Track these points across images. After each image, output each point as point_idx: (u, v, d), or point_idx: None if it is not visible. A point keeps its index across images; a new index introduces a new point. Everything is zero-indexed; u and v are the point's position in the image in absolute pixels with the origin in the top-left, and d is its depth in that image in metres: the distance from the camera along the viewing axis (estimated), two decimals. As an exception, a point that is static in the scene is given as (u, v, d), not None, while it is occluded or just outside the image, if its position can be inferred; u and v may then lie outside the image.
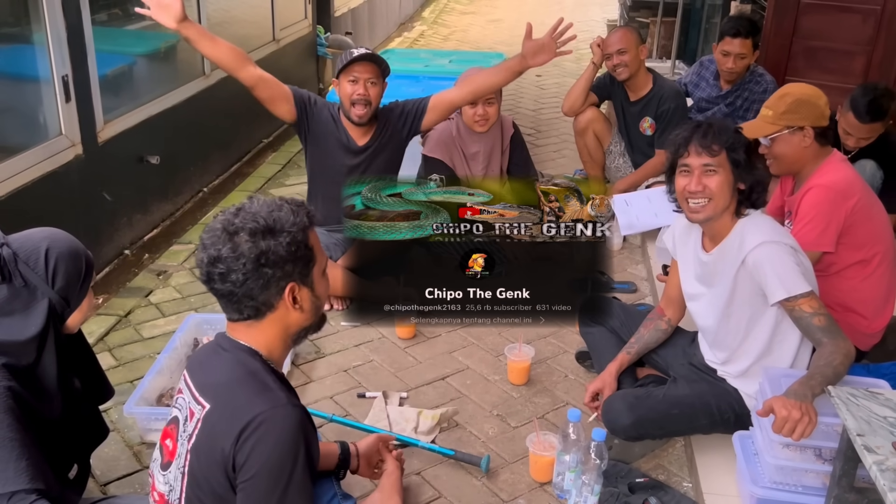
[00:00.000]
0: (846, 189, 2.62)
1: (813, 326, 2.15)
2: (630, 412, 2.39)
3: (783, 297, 2.16)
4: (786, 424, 1.95)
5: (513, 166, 3.95)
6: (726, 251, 2.31)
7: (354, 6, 8.39)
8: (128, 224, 4.07)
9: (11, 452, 1.71)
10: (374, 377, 3.01)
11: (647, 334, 2.67)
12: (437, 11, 12.24)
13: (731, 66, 4.14)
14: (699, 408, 2.41)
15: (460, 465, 2.53)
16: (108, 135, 3.86)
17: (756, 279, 2.23)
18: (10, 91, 3.48)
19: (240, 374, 1.64)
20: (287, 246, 1.61)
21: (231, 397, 1.61)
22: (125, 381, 2.94)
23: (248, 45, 5.75)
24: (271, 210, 1.64)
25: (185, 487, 1.63)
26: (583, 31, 10.52)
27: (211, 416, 1.61)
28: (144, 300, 3.56)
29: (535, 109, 6.78)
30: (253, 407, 1.56)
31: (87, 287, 1.95)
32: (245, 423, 1.54)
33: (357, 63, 3.33)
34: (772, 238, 2.21)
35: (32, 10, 3.38)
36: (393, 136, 3.53)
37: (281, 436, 1.56)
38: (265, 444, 1.54)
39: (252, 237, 1.60)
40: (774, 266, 2.18)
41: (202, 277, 1.65)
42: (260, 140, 5.89)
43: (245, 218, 1.62)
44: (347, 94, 3.37)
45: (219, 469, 1.57)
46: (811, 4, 4.17)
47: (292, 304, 1.67)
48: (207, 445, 1.59)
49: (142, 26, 4.60)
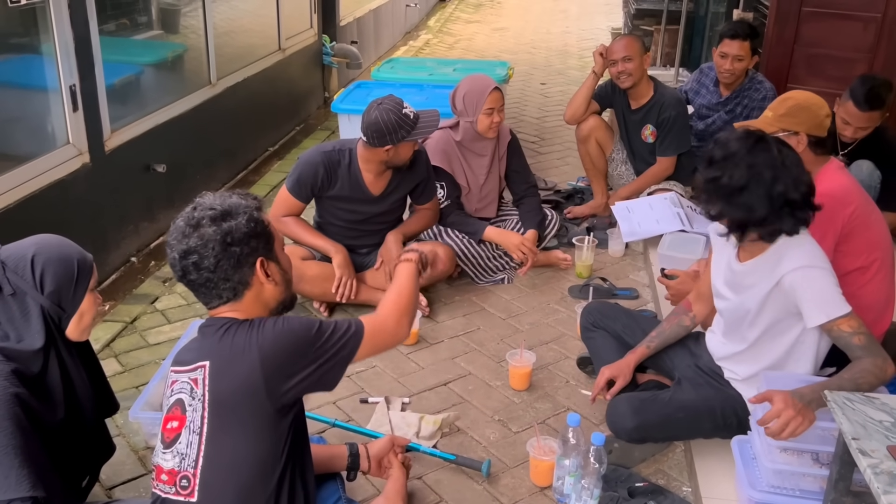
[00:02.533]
0: (844, 197, 2.62)
1: (853, 345, 2.16)
2: (634, 415, 2.41)
3: (823, 321, 2.16)
4: (779, 419, 1.98)
5: (511, 172, 3.96)
6: (760, 266, 2.29)
7: (360, 15, 8.45)
8: (134, 231, 4.11)
9: (14, 459, 1.72)
10: (377, 382, 3.04)
11: (668, 329, 2.68)
12: (442, 20, 12.29)
13: (728, 67, 4.14)
14: (704, 412, 2.43)
15: (461, 470, 2.55)
16: (115, 143, 3.91)
17: (792, 300, 2.22)
18: (18, 101, 3.52)
19: (226, 329, 1.75)
20: (247, 223, 1.75)
21: (227, 340, 1.73)
22: (131, 386, 2.97)
23: (255, 54, 5.81)
24: (224, 199, 1.79)
25: (203, 445, 1.71)
26: (587, 40, 10.59)
27: (216, 363, 1.72)
28: (150, 307, 3.60)
29: (538, 117, 6.81)
30: (250, 337, 1.72)
31: (81, 291, 1.94)
32: (257, 344, 1.70)
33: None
34: (813, 263, 2.20)
35: (41, 21, 3.43)
36: (403, 185, 3.56)
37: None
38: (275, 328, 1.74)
39: (213, 222, 1.73)
40: (814, 290, 2.17)
41: (177, 274, 1.76)
42: (265, 148, 5.94)
43: (202, 209, 1.76)
44: (410, 154, 3.40)
45: (251, 387, 1.69)
46: (812, 12, 4.19)
47: (265, 278, 1.79)
48: (230, 381, 1.71)
49: (148, 36, 4.66)
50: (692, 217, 4.01)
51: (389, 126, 3.22)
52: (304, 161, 3.42)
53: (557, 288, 3.81)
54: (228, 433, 1.70)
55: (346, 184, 3.43)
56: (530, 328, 3.45)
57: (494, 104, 3.65)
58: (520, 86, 7.79)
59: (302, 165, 3.41)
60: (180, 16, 4.94)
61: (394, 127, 3.23)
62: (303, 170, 3.40)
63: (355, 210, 3.49)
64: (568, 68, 8.89)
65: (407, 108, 3.29)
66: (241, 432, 1.70)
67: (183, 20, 4.95)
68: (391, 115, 3.23)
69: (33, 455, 1.76)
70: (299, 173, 3.41)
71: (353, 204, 3.48)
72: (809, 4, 4.18)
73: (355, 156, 3.42)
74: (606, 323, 2.87)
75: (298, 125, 6.60)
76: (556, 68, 8.88)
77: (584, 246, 3.86)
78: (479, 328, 3.45)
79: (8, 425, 1.74)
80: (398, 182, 3.52)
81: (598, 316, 2.90)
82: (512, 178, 3.99)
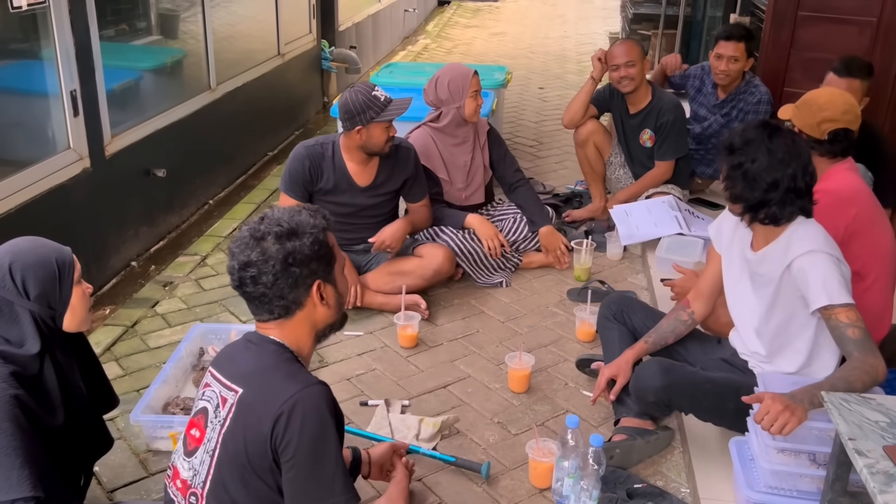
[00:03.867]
0: (850, 196, 2.62)
1: (846, 337, 2.17)
2: (664, 375, 2.42)
3: (825, 303, 2.18)
4: (767, 414, 2.00)
5: (495, 161, 4.05)
6: (772, 253, 2.34)
7: (359, 20, 8.48)
8: (134, 236, 4.12)
9: (14, 460, 1.74)
10: (377, 385, 3.05)
11: (666, 325, 2.70)
12: (440, 25, 12.32)
13: (724, 68, 4.19)
14: (731, 392, 2.37)
15: (461, 472, 2.56)
16: (116, 148, 3.93)
17: (798, 285, 2.26)
18: (19, 106, 3.54)
19: (271, 362, 1.75)
20: (311, 245, 1.74)
21: (264, 381, 1.72)
22: (132, 389, 2.98)
23: (254, 59, 5.83)
24: (292, 215, 1.78)
25: (212, 470, 1.72)
26: (585, 44, 10.61)
27: (246, 399, 1.71)
28: (151, 311, 3.61)
29: (537, 122, 6.83)
30: (288, 388, 1.67)
31: (67, 287, 1.94)
32: (282, 403, 1.65)
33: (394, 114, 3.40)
34: (820, 248, 2.24)
35: (42, 27, 3.45)
36: (392, 179, 3.59)
37: (315, 412, 1.67)
38: (303, 421, 1.65)
39: (278, 240, 1.72)
40: (818, 274, 2.21)
41: (234, 283, 1.77)
42: (265, 153, 5.96)
43: (269, 223, 1.75)
44: (384, 139, 3.41)
45: (261, 447, 1.66)
46: (808, 16, 4.21)
47: (319, 301, 1.79)
48: (244, 426, 1.69)
49: (148, 41, 4.68)
50: (690, 220, 4.03)
51: (358, 106, 3.32)
52: (290, 159, 3.53)
53: (556, 291, 3.83)
54: (234, 473, 1.69)
55: (332, 176, 3.49)
56: (529, 331, 3.47)
57: (477, 87, 3.83)
58: (518, 90, 7.82)
59: (289, 163, 3.52)
60: (180, 21, 4.96)
61: (362, 107, 3.32)
62: (290, 166, 3.50)
63: (345, 203, 3.52)
64: (566, 73, 8.91)
65: (377, 91, 3.38)
66: (244, 477, 1.69)
67: (182, 25, 4.97)
68: (360, 95, 3.34)
69: (33, 456, 1.78)
70: (288, 171, 3.50)
71: (343, 196, 3.52)
72: (805, 8, 4.20)
73: (338, 147, 3.50)
74: (625, 316, 2.87)
75: (297, 130, 6.62)
76: (553, 73, 8.91)
77: (582, 249, 3.88)
78: (478, 331, 3.47)
79: (8, 426, 1.76)
80: (386, 175, 3.56)
81: (617, 308, 2.89)
82: (498, 167, 4.06)
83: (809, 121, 2.64)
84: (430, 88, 3.86)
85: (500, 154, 4.07)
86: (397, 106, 3.39)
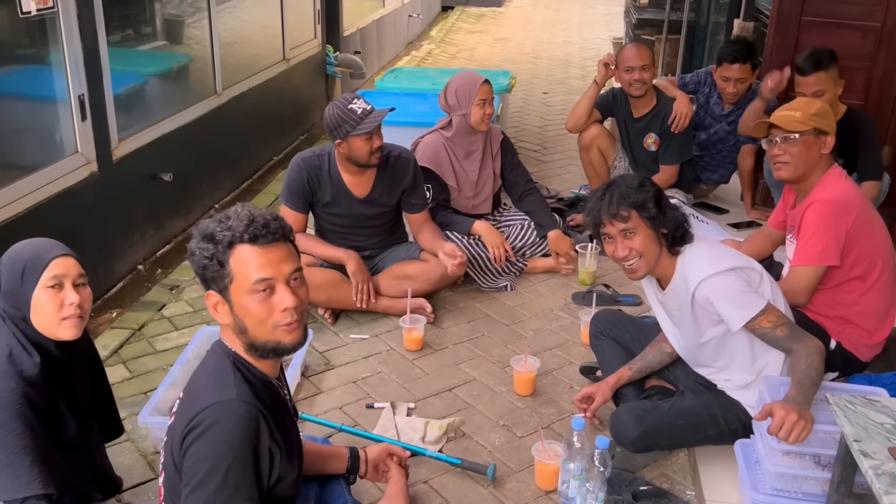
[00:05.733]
0: (847, 203, 2.65)
1: (778, 338, 2.26)
2: (637, 424, 2.44)
3: (742, 323, 2.26)
4: (783, 426, 2.01)
5: (506, 170, 4.04)
6: (676, 290, 2.41)
7: (363, 26, 8.51)
8: (141, 240, 4.15)
9: (25, 459, 1.77)
10: (383, 388, 3.06)
11: (651, 354, 2.72)
12: (444, 30, 12.36)
13: (732, 90, 4.27)
14: (706, 418, 2.46)
15: (467, 474, 2.57)
16: (123, 152, 3.95)
17: (710, 313, 2.33)
18: (28, 110, 3.57)
19: (208, 370, 1.71)
20: (198, 260, 1.65)
21: (193, 391, 1.69)
22: (139, 392, 3.00)
23: (259, 64, 5.86)
24: (222, 220, 1.67)
25: (162, 478, 1.73)
26: (588, 49, 10.64)
27: (178, 409, 1.69)
28: (157, 314, 3.63)
29: (541, 126, 6.85)
30: (202, 401, 1.60)
31: (29, 287, 1.89)
32: (192, 416, 1.59)
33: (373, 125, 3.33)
34: (710, 271, 2.29)
35: (51, 32, 3.48)
36: (390, 190, 3.55)
37: (220, 431, 1.56)
38: (204, 437, 1.56)
39: (196, 237, 1.68)
40: (722, 297, 2.28)
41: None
42: (270, 157, 5.98)
43: (217, 219, 1.69)
44: (366, 151, 3.34)
45: (172, 460, 1.64)
46: (812, 21, 4.22)
47: (213, 309, 1.70)
48: (170, 437, 1.68)
49: (154, 47, 4.71)
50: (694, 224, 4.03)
51: (335, 120, 3.32)
52: (288, 171, 3.52)
53: (561, 294, 3.84)
54: (170, 487, 1.68)
55: (329, 187, 3.49)
56: (534, 334, 3.48)
57: (485, 95, 3.79)
58: (522, 95, 7.84)
59: (288, 175, 3.51)
60: (186, 27, 4.99)
61: (338, 121, 3.31)
62: (289, 178, 3.49)
63: (345, 214, 3.53)
64: (569, 78, 8.94)
65: (355, 104, 3.33)
66: (175, 491, 1.64)
67: (188, 31, 5.00)
68: (336, 109, 3.33)
69: (44, 454, 1.80)
70: (287, 183, 3.49)
71: (342, 207, 3.52)
72: (809, 13, 4.22)
73: (333, 159, 3.50)
74: (615, 332, 2.89)
75: (302, 135, 6.65)
76: (557, 78, 8.93)
77: (587, 253, 3.89)
78: (483, 334, 3.48)
79: (17, 425, 1.78)
80: (384, 187, 3.54)
81: (606, 325, 2.92)
82: (509, 176, 4.05)
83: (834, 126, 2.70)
84: (442, 94, 3.87)
85: (513, 164, 4.06)
86: (374, 118, 3.31)
